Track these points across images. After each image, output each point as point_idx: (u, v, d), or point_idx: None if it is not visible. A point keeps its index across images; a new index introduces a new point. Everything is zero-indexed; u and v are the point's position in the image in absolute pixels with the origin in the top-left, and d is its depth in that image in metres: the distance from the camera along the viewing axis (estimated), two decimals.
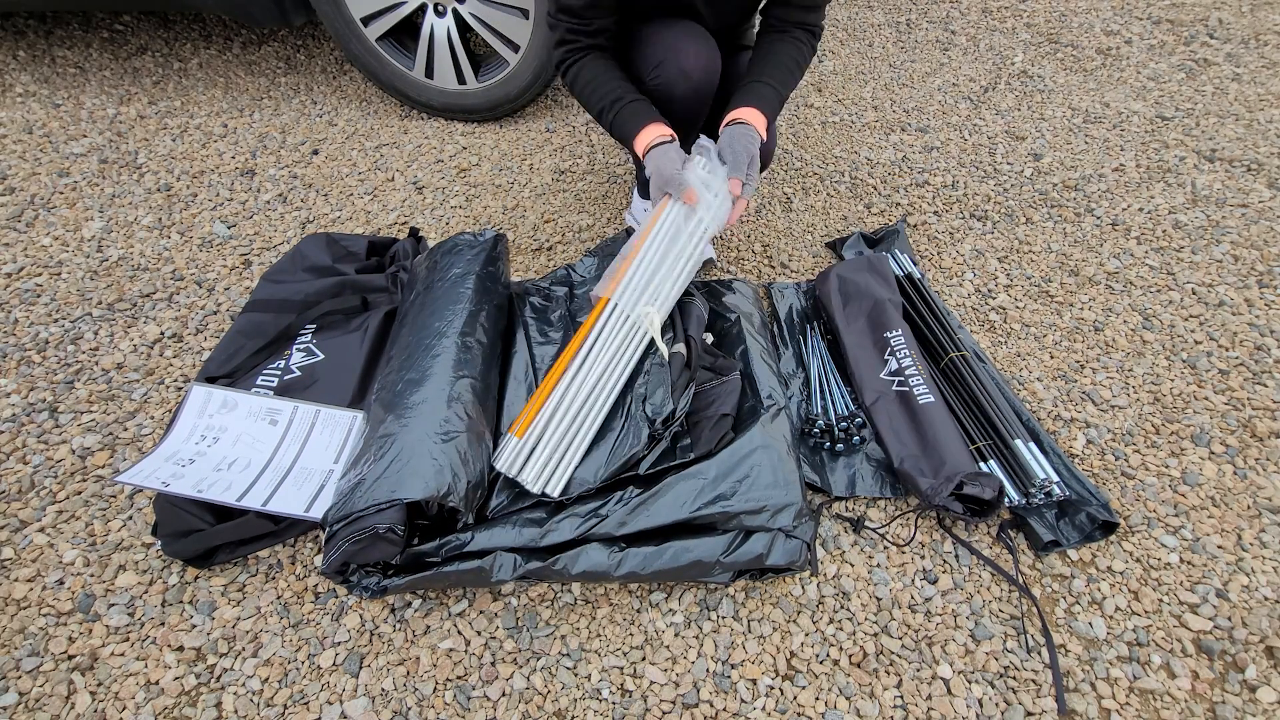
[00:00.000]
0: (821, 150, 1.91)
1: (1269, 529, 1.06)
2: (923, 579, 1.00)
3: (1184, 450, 1.17)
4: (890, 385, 1.20)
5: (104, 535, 1.04)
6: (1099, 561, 1.02)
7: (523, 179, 1.81)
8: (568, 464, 1.00)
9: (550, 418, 1.02)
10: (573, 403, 1.03)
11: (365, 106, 2.10)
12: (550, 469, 0.99)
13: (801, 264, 1.57)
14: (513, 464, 0.99)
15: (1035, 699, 0.88)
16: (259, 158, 1.88)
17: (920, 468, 1.07)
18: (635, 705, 0.87)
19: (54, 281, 1.48)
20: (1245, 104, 2.03)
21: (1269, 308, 1.42)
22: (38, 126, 1.95)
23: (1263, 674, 0.90)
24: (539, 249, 1.59)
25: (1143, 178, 1.79)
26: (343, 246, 1.43)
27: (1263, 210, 1.66)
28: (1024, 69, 2.24)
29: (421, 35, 1.84)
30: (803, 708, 0.87)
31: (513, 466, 0.98)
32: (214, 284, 1.48)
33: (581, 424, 1.03)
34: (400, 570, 0.93)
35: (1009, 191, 1.76)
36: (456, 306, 1.15)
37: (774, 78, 1.16)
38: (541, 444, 1.00)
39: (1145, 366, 1.31)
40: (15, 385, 1.25)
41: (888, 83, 2.20)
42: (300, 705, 0.87)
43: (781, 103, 1.18)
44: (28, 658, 0.91)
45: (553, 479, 0.98)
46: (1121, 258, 1.56)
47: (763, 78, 1.16)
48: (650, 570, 0.93)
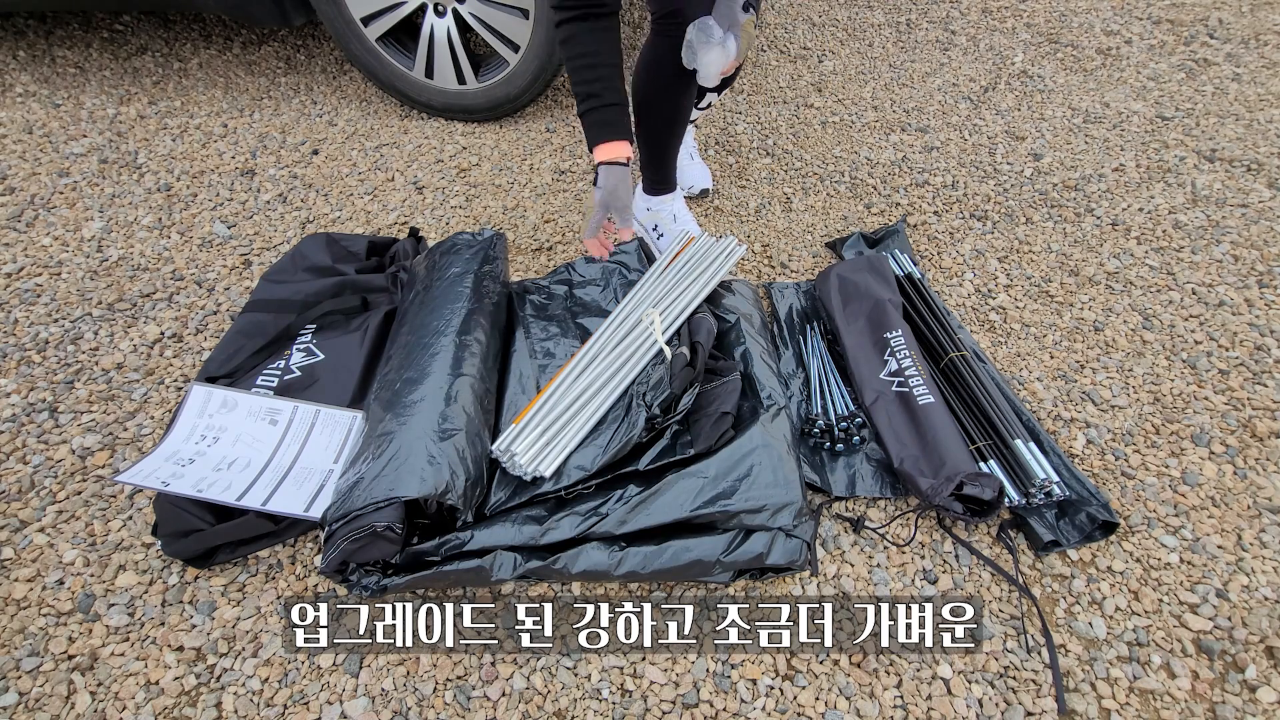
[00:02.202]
0: (821, 150, 1.91)
1: (1269, 529, 1.06)
2: (923, 579, 1.00)
3: (1184, 450, 1.17)
4: (890, 385, 1.20)
5: (104, 535, 1.04)
6: (1099, 561, 1.02)
7: (523, 179, 1.81)
8: (563, 448, 1.00)
9: (547, 404, 1.03)
10: (570, 389, 1.03)
11: (365, 106, 2.10)
12: (544, 450, 0.99)
13: (801, 264, 1.57)
14: (507, 448, 0.99)
15: (1035, 699, 0.88)
16: (259, 158, 1.88)
17: (920, 468, 1.07)
18: (635, 705, 0.87)
19: (54, 281, 1.48)
20: (1245, 104, 2.03)
21: (1269, 308, 1.42)
22: (38, 126, 1.95)
23: (1263, 674, 0.90)
24: (539, 249, 1.59)
25: (1143, 178, 1.79)
26: (343, 246, 1.43)
27: (1263, 210, 1.66)
28: (1024, 69, 2.24)
29: (421, 35, 1.84)
30: (803, 708, 0.87)
31: (506, 451, 0.99)
32: (214, 284, 1.49)
33: (580, 410, 1.03)
34: (400, 569, 0.93)
35: (1009, 191, 1.76)
36: (455, 306, 1.15)
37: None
38: (534, 425, 1.00)
39: (1145, 366, 1.31)
40: (15, 385, 1.25)
41: (888, 83, 2.20)
42: (300, 705, 0.87)
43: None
44: (28, 658, 0.91)
45: (545, 460, 0.98)
46: (1121, 258, 1.56)
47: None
48: (650, 569, 0.93)
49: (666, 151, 1.41)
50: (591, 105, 1.12)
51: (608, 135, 1.13)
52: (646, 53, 1.25)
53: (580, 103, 1.14)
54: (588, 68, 1.11)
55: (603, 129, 1.13)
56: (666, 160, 1.43)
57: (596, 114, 1.13)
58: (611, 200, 1.14)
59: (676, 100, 1.29)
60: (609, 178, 1.14)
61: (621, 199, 1.14)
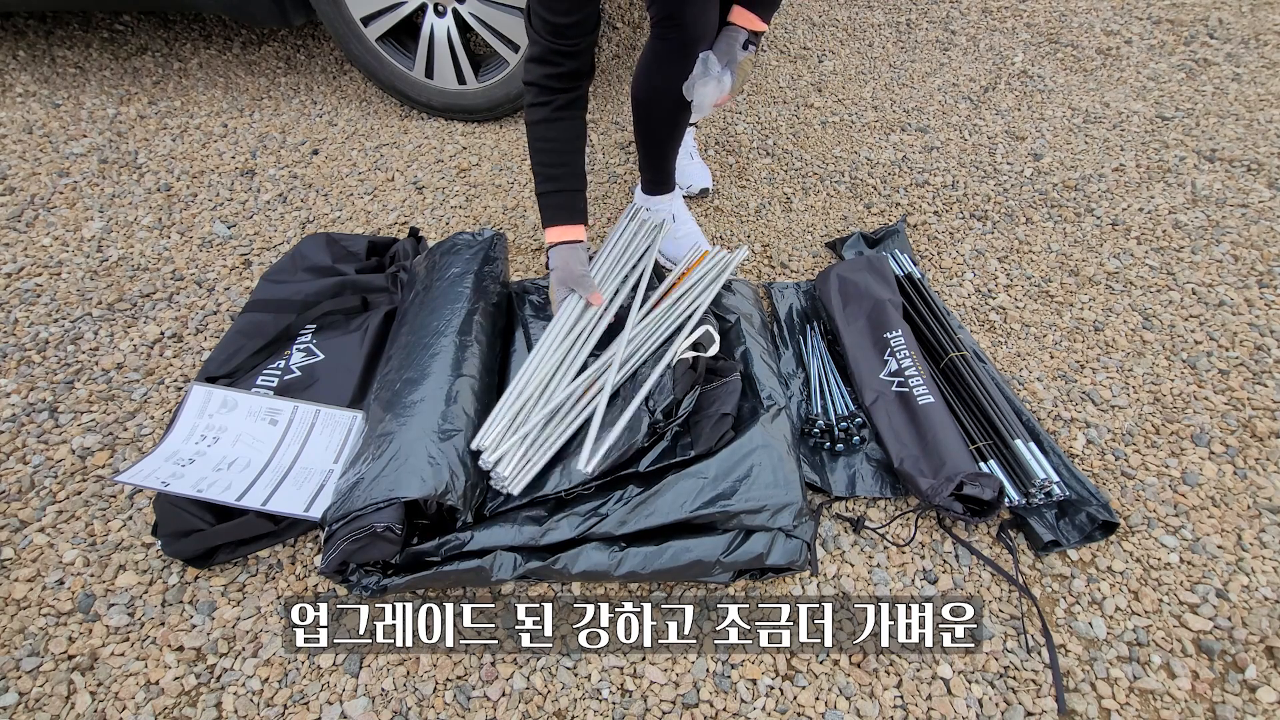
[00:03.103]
0: (821, 150, 1.91)
1: (1269, 529, 1.06)
2: (923, 579, 1.00)
3: (1184, 450, 1.17)
4: (890, 385, 1.20)
5: (104, 535, 1.04)
6: (1099, 561, 1.02)
7: (523, 179, 1.81)
8: (538, 460, 1.00)
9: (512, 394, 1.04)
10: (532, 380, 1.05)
11: (365, 106, 2.10)
12: (522, 461, 0.99)
13: (801, 264, 1.57)
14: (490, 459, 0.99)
15: (1035, 699, 0.88)
16: (259, 158, 1.88)
17: (920, 468, 1.07)
18: (635, 705, 0.87)
19: (54, 281, 1.48)
20: (1245, 104, 2.03)
21: (1269, 308, 1.42)
22: (38, 126, 1.95)
23: (1263, 674, 0.90)
24: (539, 249, 1.59)
25: (1143, 178, 1.79)
26: (343, 246, 1.43)
27: (1263, 210, 1.66)
28: (1024, 69, 2.24)
29: (421, 35, 1.84)
30: (803, 708, 0.87)
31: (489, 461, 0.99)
32: (214, 284, 1.49)
33: (546, 424, 1.03)
34: (400, 570, 0.93)
35: (1009, 191, 1.76)
36: (455, 306, 1.15)
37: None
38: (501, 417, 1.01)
39: (1145, 366, 1.31)
40: (15, 385, 1.25)
41: (888, 83, 2.20)
42: (300, 705, 0.87)
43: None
44: (28, 658, 0.91)
45: (520, 475, 0.99)
46: (1121, 258, 1.56)
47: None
48: (650, 570, 0.93)
49: (665, 153, 1.41)
50: (550, 188, 1.17)
51: (564, 219, 1.17)
52: (646, 55, 1.25)
53: (540, 183, 1.18)
54: (552, 153, 1.16)
55: (559, 212, 1.17)
56: (665, 161, 1.43)
57: (555, 197, 1.17)
58: (567, 278, 1.16)
59: (675, 102, 1.29)
60: (559, 257, 1.17)
61: (576, 272, 1.16)
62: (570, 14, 1.02)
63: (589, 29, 1.08)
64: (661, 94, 1.26)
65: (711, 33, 1.22)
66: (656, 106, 1.30)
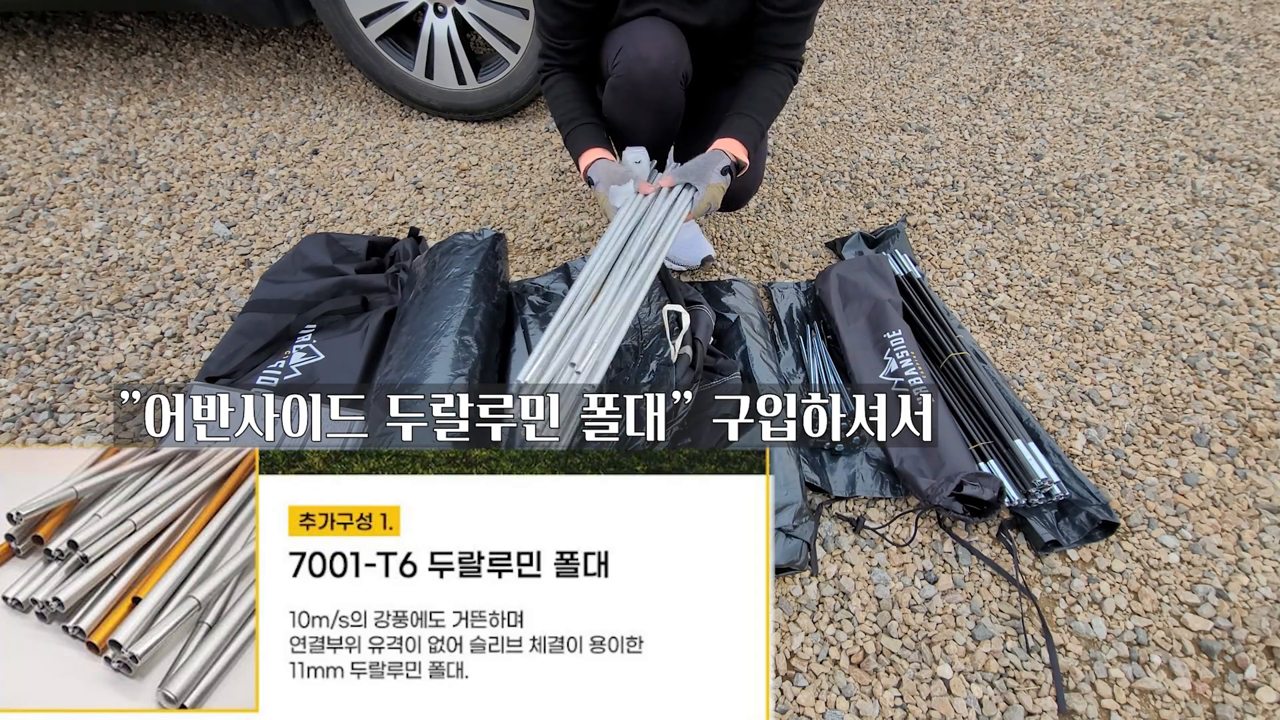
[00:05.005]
0: (821, 150, 1.91)
1: (1269, 529, 1.06)
2: (923, 579, 1.00)
3: (1184, 450, 1.17)
4: (890, 385, 1.20)
5: None
6: (1099, 561, 1.02)
7: (523, 179, 1.81)
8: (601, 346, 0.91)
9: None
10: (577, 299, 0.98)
11: (365, 106, 2.10)
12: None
13: (801, 264, 1.57)
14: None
15: (1035, 699, 0.88)
16: (259, 158, 1.88)
17: (920, 468, 1.07)
18: None
19: (54, 281, 1.48)
20: (1245, 104, 2.03)
21: (1269, 308, 1.42)
22: (38, 126, 1.95)
23: (1263, 674, 0.90)
24: (539, 249, 1.59)
25: (1143, 178, 1.79)
26: (343, 246, 1.43)
27: (1263, 210, 1.66)
28: (1024, 69, 2.24)
29: (421, 35, 1.84)
30: (803, 708, 0.87)
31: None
32: (214, 284, 1.49)
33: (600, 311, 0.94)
34: None
35: (1009, 191, 1.76)
36: (455, 306, 1.15)
37: (756, 110, 1.20)
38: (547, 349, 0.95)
39: (1145, 366, 1.31)
40: (15, 385, 1.25)
41: (888, 83, 2.20)
42: None
43: (763, 133, 1.24)
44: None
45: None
46: (1121, 258, 1.56)
47: (745, 111, 1.19)
48: None
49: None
50: (572, 126, 1.22)
51: (592, 143, 1.20)
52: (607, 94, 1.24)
53: (562, 127, 1.24)
54: (565, 100, 1.23)
55: (586, 139, 1.21)
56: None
57: (580, 129, 1.22)
58: (613, 178, 1.16)
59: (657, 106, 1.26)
60: (599, 171, 1.17)
61: (619, 171, 1.17)
62: (558, 17, 1.15)
63: (579, 32, 1.17)
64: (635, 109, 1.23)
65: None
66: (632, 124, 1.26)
